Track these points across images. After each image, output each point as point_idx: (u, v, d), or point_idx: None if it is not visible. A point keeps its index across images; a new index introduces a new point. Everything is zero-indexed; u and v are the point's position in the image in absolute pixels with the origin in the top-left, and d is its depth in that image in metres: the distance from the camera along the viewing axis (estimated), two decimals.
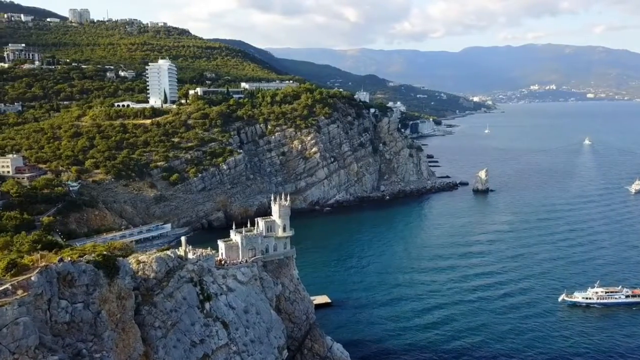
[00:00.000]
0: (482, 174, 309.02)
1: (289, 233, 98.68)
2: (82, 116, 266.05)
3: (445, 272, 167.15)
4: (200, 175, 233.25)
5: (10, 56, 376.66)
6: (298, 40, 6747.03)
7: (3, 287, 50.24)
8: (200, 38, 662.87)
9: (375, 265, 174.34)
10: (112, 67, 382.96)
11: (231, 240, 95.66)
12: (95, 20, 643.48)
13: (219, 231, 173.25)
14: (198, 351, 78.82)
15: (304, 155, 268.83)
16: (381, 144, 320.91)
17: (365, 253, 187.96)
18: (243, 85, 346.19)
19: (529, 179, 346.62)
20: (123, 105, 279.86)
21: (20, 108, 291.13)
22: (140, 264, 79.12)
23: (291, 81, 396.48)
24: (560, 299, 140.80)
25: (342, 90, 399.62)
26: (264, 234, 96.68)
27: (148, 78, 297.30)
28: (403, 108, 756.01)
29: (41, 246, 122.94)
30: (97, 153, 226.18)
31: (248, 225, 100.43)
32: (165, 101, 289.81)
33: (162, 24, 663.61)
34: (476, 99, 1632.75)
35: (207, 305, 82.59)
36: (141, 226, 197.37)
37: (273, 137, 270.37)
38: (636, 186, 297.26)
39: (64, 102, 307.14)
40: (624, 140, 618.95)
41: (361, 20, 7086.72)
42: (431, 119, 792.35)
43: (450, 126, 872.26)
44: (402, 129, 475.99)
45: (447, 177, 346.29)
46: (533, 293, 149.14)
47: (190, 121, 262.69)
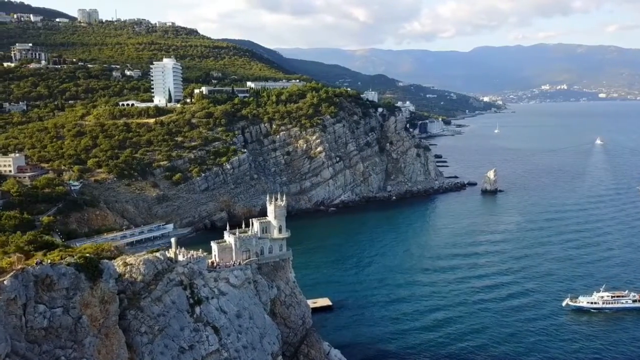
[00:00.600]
0: (491, 174, 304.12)
1: (285, 234, 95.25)
2: (86, 115, 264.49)
3: (449, 274, 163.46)
4: (203, 174, 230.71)
5: (17, 56, 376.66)
6: (307, 40, 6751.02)
7: None
8: (208, 38, 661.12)
9: (378, 266, 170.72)
10: (118, 67, 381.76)
11: (224, 241, 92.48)
12: (103, 20, 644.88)
13: (222, 232, 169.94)
14: (187, 357, 75.70)
15: (309, 154, 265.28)
16: (388, 144, 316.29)
17: (369, 254, 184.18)
18: (249, 84, 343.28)
19: (539, 180, 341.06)
20: (127, 104, 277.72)
21: (24, 107, 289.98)
22: (127, 266, 76.11)
23: (298, 80, 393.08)
24: (564, 304, 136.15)
25: (352, 90, 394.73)
26: (259, 236, 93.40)
27: (152, 77, 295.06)
28: (412, 108, 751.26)
29: (36, 246, 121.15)
30: (100, 152, 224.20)
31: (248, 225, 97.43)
32: (169, 100, 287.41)
33: (170, 24, 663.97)
34: (486, 99, 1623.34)
35: (198, 309, 79.43)
36: (143, 226, 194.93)
37: (278, 137, 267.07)
38: None
39: (69, 102, 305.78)
40: (636, 140, 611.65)
41: (370, 20, 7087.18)
42: (440, 119, 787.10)
43: (459, 126, 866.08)
44: (411, 129, 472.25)
45: (455, 177, 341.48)
46: (537, 297, 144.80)
47: (194, 120, 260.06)
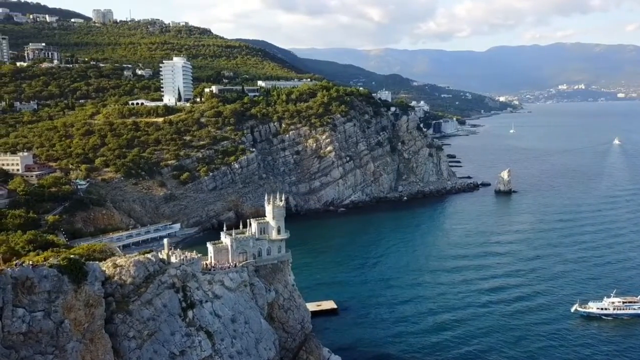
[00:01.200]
0: (505, 175, 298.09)
1: (284, 236, 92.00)
2: (96, 114, 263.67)
3: (457, 276, 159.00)
4: (211, 174, 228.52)
5: (30, 55, 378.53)
6: (322, 40, 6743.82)
7: None
8: (221, 37, 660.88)
9: (386, 268, 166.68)
10: (130, 66, 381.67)
11: (221, 242, 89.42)
12: (118, 20, 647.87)
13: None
14: None
15: (319, 154, 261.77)
16: (400, 143, 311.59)
17: (377, 255, 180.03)
18: (259, 83, 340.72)
19: (554, 180, 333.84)
20: (137, 103, 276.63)
21: (35, 106, 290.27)
22: (116, 268, 73.39)
23: (309, 79, 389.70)
24: (573, 309, 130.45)
25: (364, 89, 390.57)
26: (257, 237, 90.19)
27: (162, 76, 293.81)
28: (426, 107, 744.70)
29: (35, 246, 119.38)
30: (108, 151, 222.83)
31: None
32: (179, 99, 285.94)
33: (184, 24, 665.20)
34: (502, 99, 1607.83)
35: (190, 313, 76.53)
36: (149, 226, 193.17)
37: (287, 136, 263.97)
38: None
39: (80, 101, 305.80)
40: None
41: (386, 20, 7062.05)
42: (455, 119, 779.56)
43: (474, 126, 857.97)
44: (425, 128, 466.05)
45: (469, 178, 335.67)
46: (546, 301, 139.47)
47: (203, 119, 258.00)
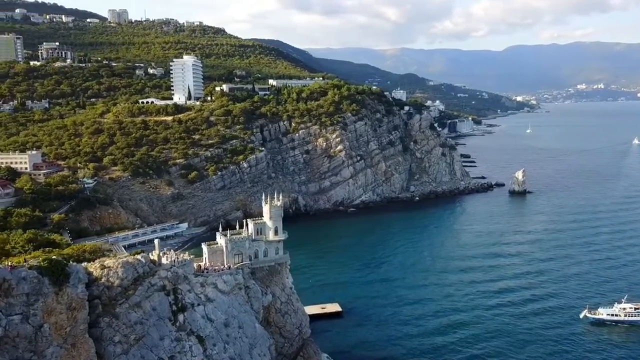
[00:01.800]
0: (519, 175, 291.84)
1: (282, 237, 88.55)
2: (106, 113, 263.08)
3: (466, 278, 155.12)
4: (219, 173, 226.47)
5: (43, 54, 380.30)
6: (338, 40, 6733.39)
7: None
8: (235, 37, 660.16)
9: (394, 269, 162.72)
10: (142, 65, 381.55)
11: (216, 243, 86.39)
12: (133, 20, 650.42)
13: None
14: None
15: (329, 153, 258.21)
16: (412, 142, 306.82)
17: (385, 257, 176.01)
18: (270, 82, 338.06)
19: (571, 181, 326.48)
20: (146, 102, 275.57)
21: (47, 105, 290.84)
22: (104, 269, 70.59)
23: (322, 78, 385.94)
24: (582, 315, 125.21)
25: (376, 87, 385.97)
26: (253, 237, 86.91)
27: (172, 74, 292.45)
28: (442, 107, 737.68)
29: (35, 245, 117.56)
30: (116, 150, 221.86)
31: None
32: (189, 98, 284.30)
33: (198, 23, 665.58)
34: (519, 99, 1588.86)
35: (181, 317, 73.51)
36: (155, 225, 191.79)
37: (297, 135, 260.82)
38: None
39: (91, 100, 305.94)
40: None
41: (402, 19, 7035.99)
42: (470, 118, 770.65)
43: (490, 125, 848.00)
44: (440, 128, 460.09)
45: (483, 178, 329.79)
46: (555, 306, 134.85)
47: (212, 118, 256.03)
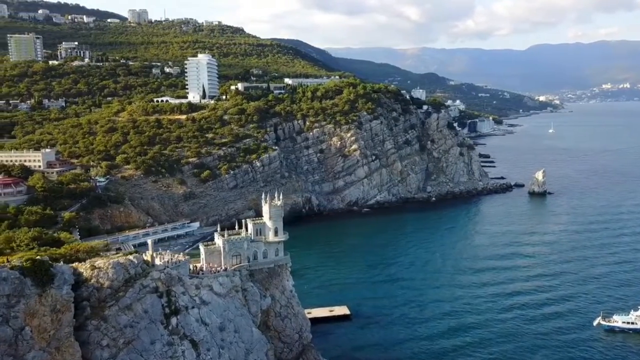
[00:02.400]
0: (539, 175, 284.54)
1: (282, 238, 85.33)
2: (121, 111, 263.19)
3: (479, 280, 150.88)
4: (232, 172, 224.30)
5: (62, 54, 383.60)
6: (359, 39, 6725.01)
7: None
8: (254, 36, 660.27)
9: (407, 273, 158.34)
10: (159, 64, 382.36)
11: (214, 244, 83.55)
12: (153, 20, 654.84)
13: None
14: None
15: (343, 152, 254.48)
16: (429, 142, 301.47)
17: (397, 258, 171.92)
18: (286, 80, 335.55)
19: (593, 181, 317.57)
20: (161, 100, 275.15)
21: (63, 104, 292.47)
22: (94, 270, 68.24)
23: (338, 77, 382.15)
24: (595, 323, 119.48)
25: (393, 86, 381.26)
26: (252, 238, 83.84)
27: (187, 73, 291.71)
28: (462, 106, 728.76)
29: (40, 243, 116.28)
30: (129, 148, 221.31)
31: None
32: (204, 96, 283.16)
33: (217, 23, 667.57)
34: (542, 99, 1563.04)
35: (174, 320, 70.77)
36: (167, 224, 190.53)
37: (311, 134, 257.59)
38: None
39: (107, 98, 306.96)
40: None
41: (423, 19, 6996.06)
42: (491, 118, 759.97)
43: (512, 125, 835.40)
44: (460, 128, 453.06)
45: (502, 178, 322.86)
46: (569, 310, 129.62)
47: (226, 117, 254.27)
